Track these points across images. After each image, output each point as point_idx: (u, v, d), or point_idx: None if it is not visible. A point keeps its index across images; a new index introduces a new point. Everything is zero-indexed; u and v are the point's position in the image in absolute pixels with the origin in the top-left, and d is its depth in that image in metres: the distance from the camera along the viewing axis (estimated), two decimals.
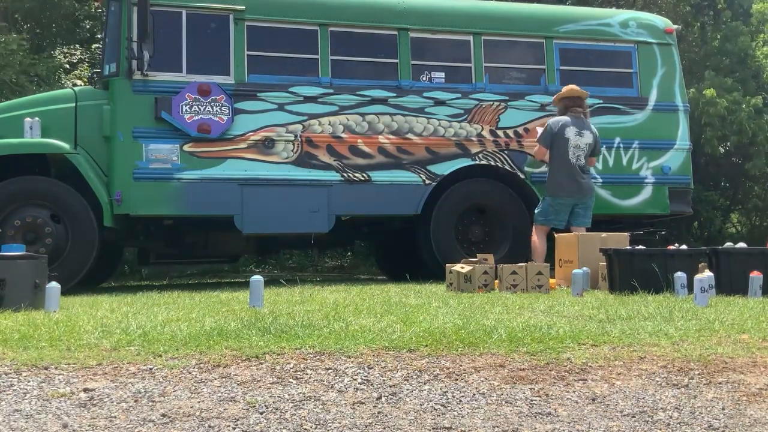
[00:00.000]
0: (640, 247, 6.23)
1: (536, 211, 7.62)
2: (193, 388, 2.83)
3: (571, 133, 7.49)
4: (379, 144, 7.84)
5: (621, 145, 8.43)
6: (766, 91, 13.63)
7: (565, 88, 7.78)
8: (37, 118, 7.12)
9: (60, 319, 4.26)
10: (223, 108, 7.43)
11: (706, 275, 5.04)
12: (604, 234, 6.91)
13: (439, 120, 8.02)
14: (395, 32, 8.07)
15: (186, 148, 7.37)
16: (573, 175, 7.49)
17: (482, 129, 8.13)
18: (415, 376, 2.98)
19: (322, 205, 7.64)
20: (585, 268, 6.21)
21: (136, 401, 2.69)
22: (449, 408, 2.66)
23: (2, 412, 2.59)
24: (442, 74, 8.19)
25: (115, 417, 2.55)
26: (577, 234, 6.98)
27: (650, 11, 11.24)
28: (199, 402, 2.69)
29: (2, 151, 7.03)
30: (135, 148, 7.25)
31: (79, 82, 12.41)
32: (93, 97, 7.53)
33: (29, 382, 2.90)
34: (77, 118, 7.29)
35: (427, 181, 7.92)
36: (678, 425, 2.51)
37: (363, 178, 7.77)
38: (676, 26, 9.18)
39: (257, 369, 3.05)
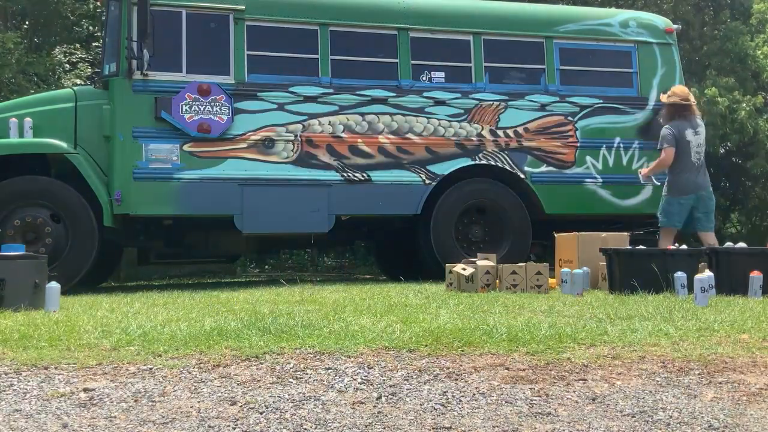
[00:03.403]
0: (640, 247, 6.23)
1: (658, 213, 7.29)
2: (193, 388, 2.83)
3: (690, 134, 7.18)
4: (379, 144, 7.84)
5: (621, 145, 8.43)
6: (766, 90, 13.64)
7: (675, 90, 7.39)
8: (15, 119, 7.11)
9: (60, 319, 4.26)
10: (223, 108, 7.43)
11: (706, 275, 5.04)
12: (604, 234, 6.90)
13: (439, 120, 8.01)
14: (395, 32, 8.06)
15: (186, 147, 7.36)
16: (695, 175, 7.20)
17: (482, 129, 8.12)
18: (415, 376, 2.98)
19: (322, 205, 7.64)
20: (585, 268, 6.21)
21: (136, 401, 2.69)
22: (449, 408, 2.66)
23: (2, 412, 2.59)
24: (442, 74, 8.19)
25: (115, 417, 2.54)
26: (577, 234, 6.97)
27: (650, 11, 11.23)
28: (199, 402, 2.69)
29: (2, 151, 7.03)
30: (135, 148, 7.24)
31: (79, 81, 12.40)
32: (93, 96, 7.53)
33: (29, 382, 2.90)
34: (77, 117, 7.28)
35: (427, 181, 7.92)
36: (678, 425, 2.51)
37: (363, 178, 7.77)
38: (676, 26, 9.17)
39: (257, 369, 3.05)
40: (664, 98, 7.38)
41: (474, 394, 2.79)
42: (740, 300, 5.06)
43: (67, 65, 13.06)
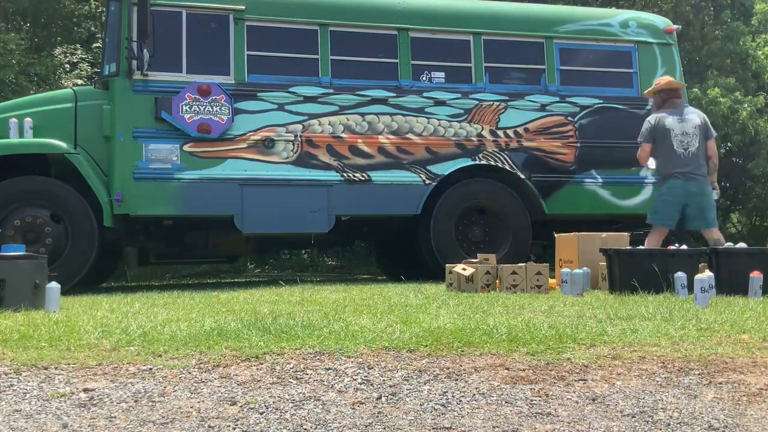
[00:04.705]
0: (640, 247, 6.23)
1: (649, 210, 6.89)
2: (193, 388, 2.83)
3: (672, 122, 6.65)
4: (379, 144, 7.84)
5: (621, 146, 8.42)
6: (767, 91, 13.64)
7: (661, 80, 7.04)
8: (15, 119, 7.12)
9: (60, 319, 4.26)
10: (223, 108, 7.43)
11: (706, 275, 5.04)
12: (604, 234, 6.90)
13: (439, 120, 8.01)
14: (395, 32, 8.07)
15: (186, 148, 7.37)
16: (680, 167, 6.57)
17: (482, 129, 8.12)
18: (415, 376, 2.97)
19: (322, 205, 7.64)
20: (585, 268, 6.21)
21: (136, 401, 2.69)
22: (449, 408, 2.66)
23: (2, 412, 2.59)
24: (442, 74, 8.19)
25: (114, 417, 2.54)
26: (577, 234, 6.96)
27: (650, 11, 11.23)
28: (199, 402, 2.69)
29: (2, 151, 7.04)
30: (135, 148, 7.25)
31: (79, 81, 12.41)
32: (93, 97, 7.53)
33: (29, 382, 2.90)
34: (77, 118, 7.29)
35: (427, 181, 7.92)
36: (678, 425, 2.51)
37: (363, 178, 7.77)
38: (676, 26, 9.17)
39: (257, 369, 3.05)
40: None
41: (474, 394, 2.79)
42: (740, 300, 5.05)
43: (68, 65, 13.07)
